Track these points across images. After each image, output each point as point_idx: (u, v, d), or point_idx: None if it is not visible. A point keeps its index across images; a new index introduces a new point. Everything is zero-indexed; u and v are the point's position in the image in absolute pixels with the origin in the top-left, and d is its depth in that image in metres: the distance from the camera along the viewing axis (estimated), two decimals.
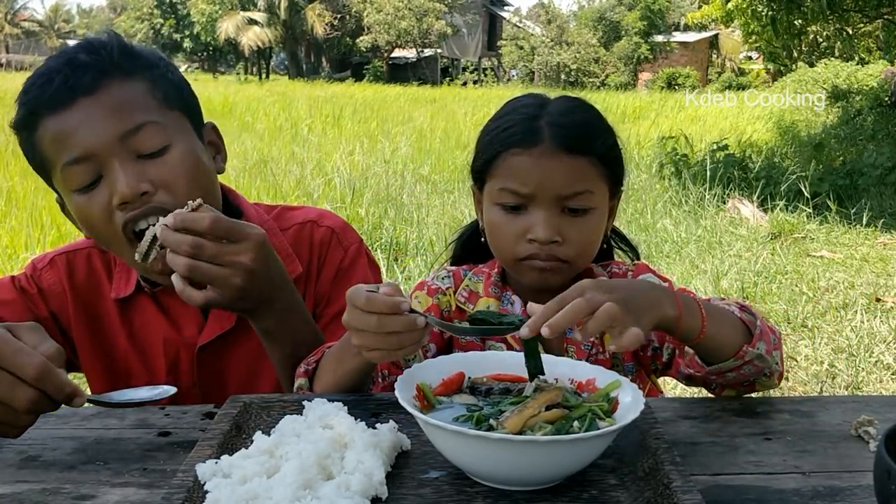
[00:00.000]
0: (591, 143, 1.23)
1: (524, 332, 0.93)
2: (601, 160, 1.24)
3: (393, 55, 45.17)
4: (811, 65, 21.68)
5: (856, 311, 4.55)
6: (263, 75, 46.62)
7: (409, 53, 45.52)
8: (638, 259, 1.47)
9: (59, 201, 1.30)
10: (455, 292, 1.36)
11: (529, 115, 1.26)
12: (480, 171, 1.30)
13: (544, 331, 0.91)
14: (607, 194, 1.28)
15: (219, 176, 1.36)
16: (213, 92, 19.98)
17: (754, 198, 7.69)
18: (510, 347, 1.28)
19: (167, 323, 1.35)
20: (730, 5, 12.21)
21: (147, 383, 1.37)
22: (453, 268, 1.42)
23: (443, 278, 1.38)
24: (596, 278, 1.30)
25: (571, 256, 1.24)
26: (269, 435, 0.93)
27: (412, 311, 0.96)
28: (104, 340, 1.37)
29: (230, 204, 1.41)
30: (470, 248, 1.44)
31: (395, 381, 0.94)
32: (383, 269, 4.60)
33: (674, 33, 43.24)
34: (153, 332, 1.35)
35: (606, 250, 1.44)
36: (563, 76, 41.13)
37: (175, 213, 1.10)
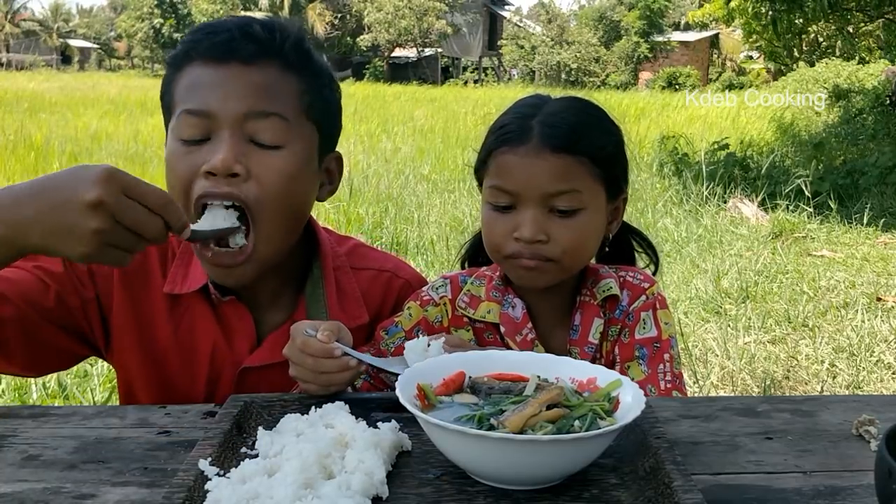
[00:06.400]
0: (578, 142, 1.23)
1: None
2: (592, 160, 1.24)
3: (393, 54, 45.18)
4: (812, 64, 21.62)
5: (856, 311, 4.55)
6: None
7: (410, 53, 45.54)
8: (657, 261, 1.46)
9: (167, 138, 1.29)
10: (453, 300, 1.35)
11: (524, 115, 1.27)
12: (478, 171, 1.32)
13: None
14: (602, 195, 1.27)
15: None
16: None
17: (755, 197, 7.69)
18: (508, 348, 1.28)
19: (220, 333, 1.30)
20: (731, 5, 12.22)
21: (184, 384, 1.32)
22: (451, 274, 1.40)
23: (437, 288, 1.36)
24: (602, 280, 1.32)
25: (558, 255, 1.23)
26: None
27: (346, 353, 1.06)
28: (146, 330, 1.32)
29: (307, 226, 1.36)
30: (481, 247, 1.41)
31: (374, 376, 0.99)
32: None
33: (674, 33, 43.26)
34: (202, 338, 1.31)
35: (628, 252, 1.44)
36: (563, 75, 41.15)
37: None
